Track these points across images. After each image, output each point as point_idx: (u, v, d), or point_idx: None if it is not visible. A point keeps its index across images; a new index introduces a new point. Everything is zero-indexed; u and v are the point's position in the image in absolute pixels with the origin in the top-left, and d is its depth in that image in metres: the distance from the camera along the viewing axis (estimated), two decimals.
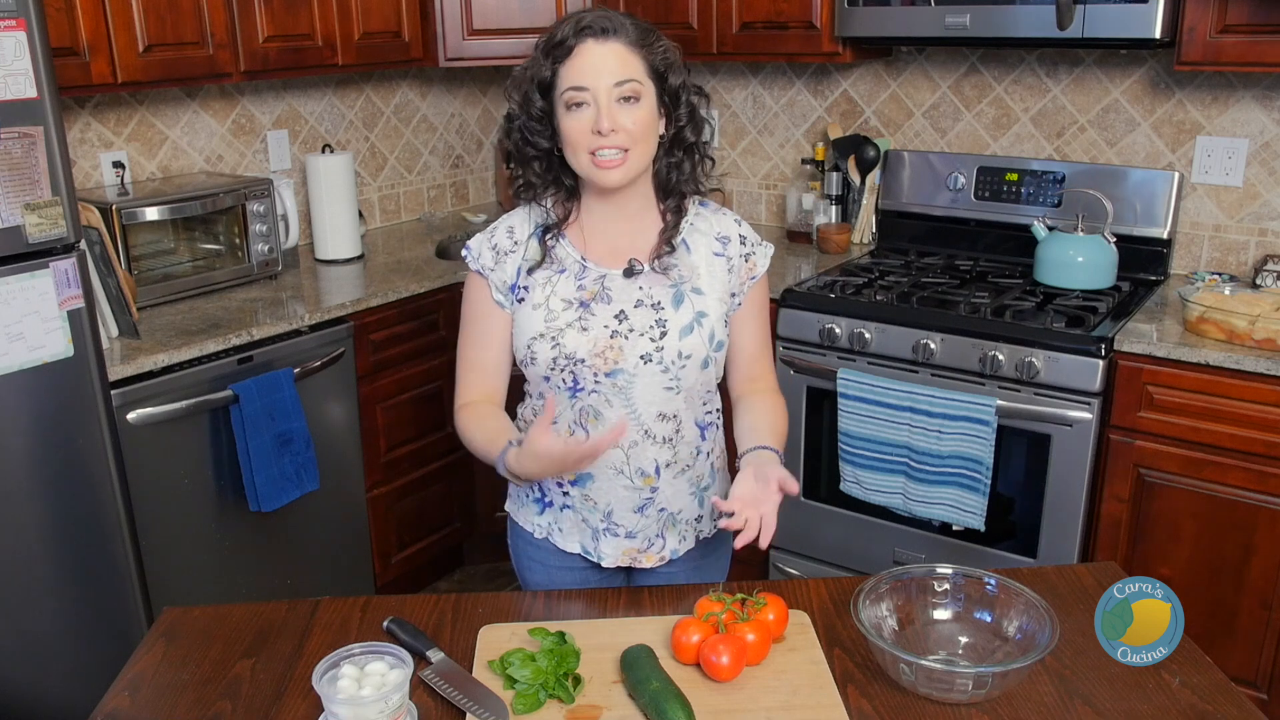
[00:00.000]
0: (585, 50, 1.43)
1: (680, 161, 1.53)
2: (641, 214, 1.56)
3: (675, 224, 1.55)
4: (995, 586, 1.39)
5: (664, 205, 1.56)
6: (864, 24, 2.78)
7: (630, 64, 1.44)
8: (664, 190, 1.55)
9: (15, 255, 1.99)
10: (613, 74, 1.43)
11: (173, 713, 1.30)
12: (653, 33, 1.48)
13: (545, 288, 1.53)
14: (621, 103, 1.43)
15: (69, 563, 2.15)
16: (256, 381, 2.48)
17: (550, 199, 1.56)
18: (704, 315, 1.53)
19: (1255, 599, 2.33)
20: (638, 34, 1.45)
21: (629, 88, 1.43)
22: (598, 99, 1.42)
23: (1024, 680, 1.33)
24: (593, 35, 1.43)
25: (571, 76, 1.43)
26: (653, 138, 1.49)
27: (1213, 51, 2.37)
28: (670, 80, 1.48)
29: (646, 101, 1.46)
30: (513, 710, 1.26)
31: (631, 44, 1.44)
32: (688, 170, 1.54)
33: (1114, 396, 2.39)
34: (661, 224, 1.56)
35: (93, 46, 2.39)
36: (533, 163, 1.53)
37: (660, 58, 1.47)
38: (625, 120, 1.43)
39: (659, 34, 1.49)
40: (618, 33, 1.44)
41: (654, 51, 1.46)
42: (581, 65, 1.43)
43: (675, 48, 1.51)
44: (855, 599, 1.34)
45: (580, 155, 1.46)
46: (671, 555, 1.63)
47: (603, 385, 1.51)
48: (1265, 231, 2.73)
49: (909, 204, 3.16)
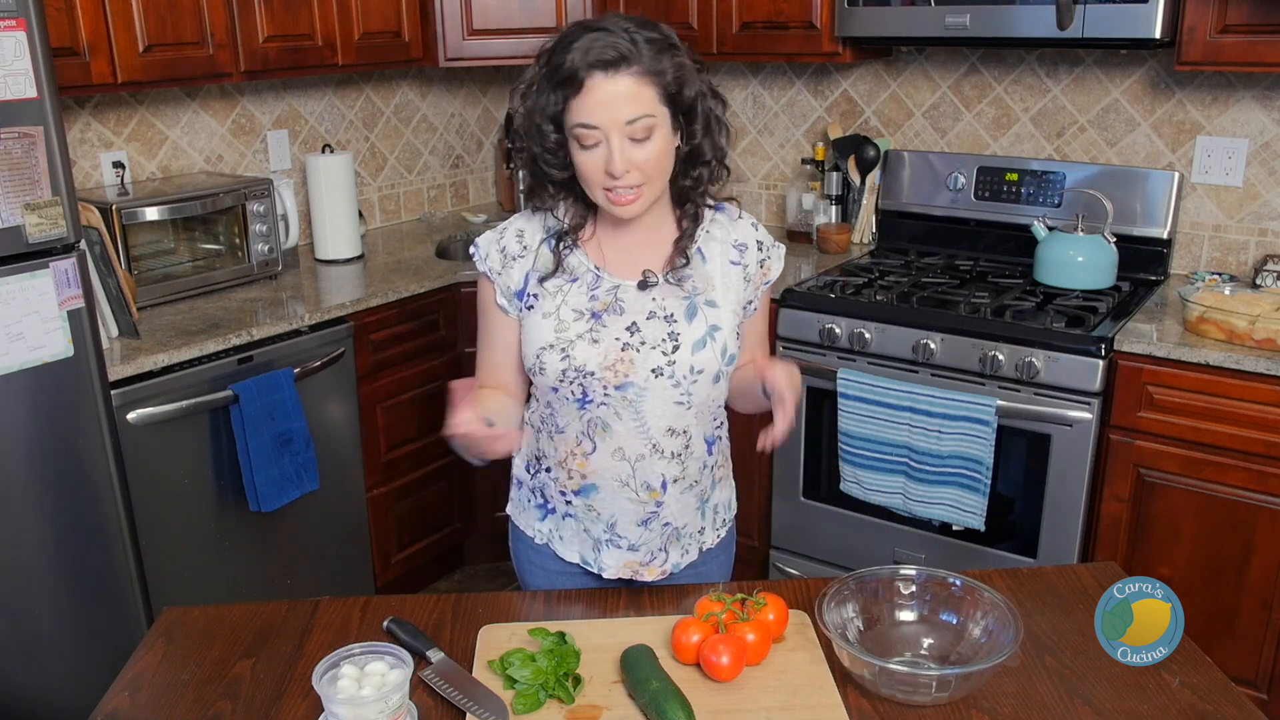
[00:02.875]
0: (594, 86, 1.35)
1: (698, 174, 1.49)
2: (658, 224, 1.52)
3: (691, 233, 1.52)
4: (960, 588, 1.38)
5: (679, 212, 1.53)
6: (864, 24, 2.78)
7: (642, 98, 1.36)
8: (679, 199, 1.52)
9: (15, 255, 1.99)
10: (623, 113, 1.36)
11: (173, 713, 1.30)
12: (664, 45, 1.38)
13: (556, 297, 1.50)
14: (634, 142, 1.38)
15: (69, 562, 2.15)
16: (256, 381, 2.47)
17: (561, 207, 1.52)
18: (717, 329, 1.50)
19: (1255, 599, 2.33)
20: (650, 56, 1.36)
21: (641, 126, 1.37)
22: (609, 137, 1.37)
23: (1024, 680, 1.33)
24: (601, 69, 1.34)
25: (581, 113, 1.37)
26: (668, 165, 1.44)
27: (1213, 51, 2.37)
28: (685, 94, 1.41)
29: (660, 132, 1.40)
30: (513, 710, 1.26)
31: (643, 73, 1.36)
32: (704, 180, 1.50)
33: (1114, 396, 2.39)
34: (677, 232, 1.53)
35: (93, 46, 2.39)
36: (548, 185, 1.49)
37: (673, 77, 1.39)
38: (638, 158, 1.38)
39: (670, 40, 1.40)
40: (628, 61, 1.35)
41: (666, 75, 1.38)
42: (592, 103, 1.36)
43: (687, 51, 1.43)
44: (820, 601, 1.34)
45: (595, 190, 1.42)
46: (674, 569, 1.62)
47: (612, 398, 1.48)
48: (1265, 231, 2.73)
49: (909, 204, 3.16)
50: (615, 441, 1.51)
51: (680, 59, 1.40)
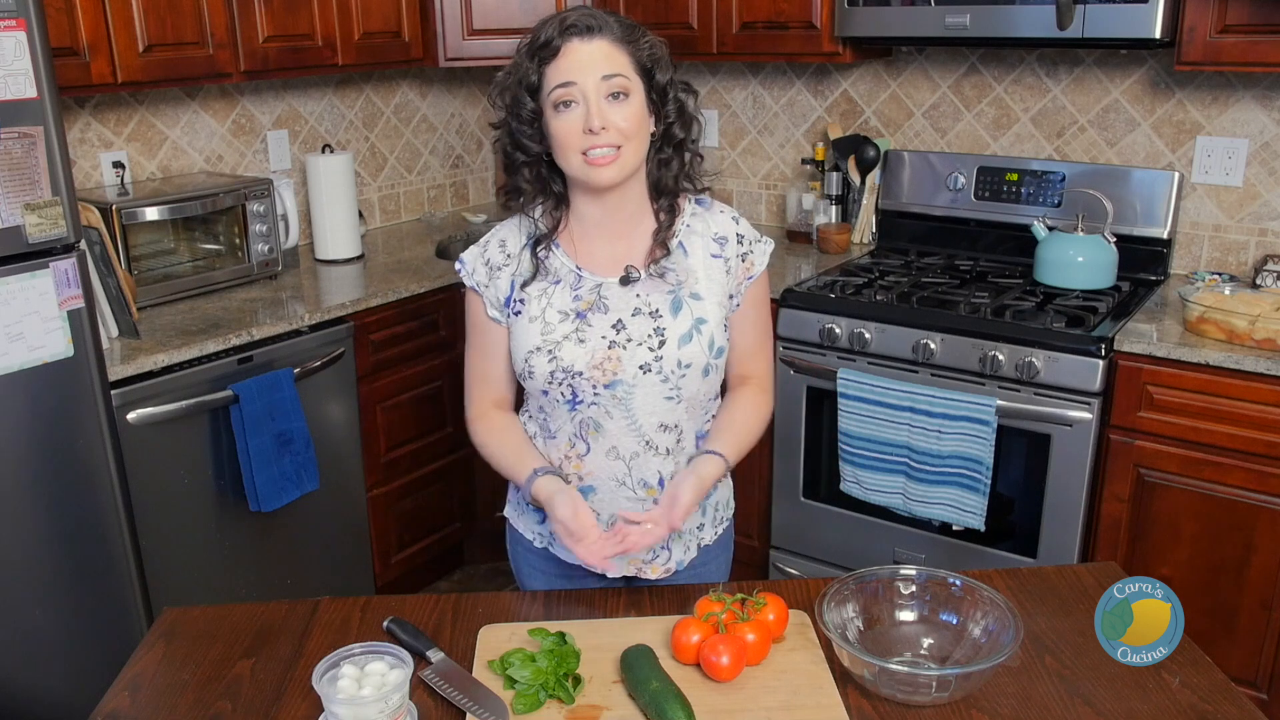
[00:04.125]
0: (571, 49, 1.41)
1: (670, 159, 1.51)
2: (635, 218, 1.53)
3: (669, 224, 1.52)
4: (960, 588, 1.38)
5: (657, 205, 1.53)
6: (864, 24, 2.78)
7: (617, 59, 1.42)
8: (656, 190, 1.53)
9: (15, 255, 1.99)
10: (600, 69, 1.41)
11: (173, 713, 1.30)
12: (637, 29, 1.46)
13: (541, 300, 1.51)
14: (611, 100, 1.42)
15: (69, 563, 2.15)
16: (256, 381, 2.48)
17: (539, 208, 1.53)
18: (703, 322, 1.50)
19: (1255, 599, 2.33)
20: (623, 30, 1.44)
21: (617, 82, 1.42)
22: (586, 95, 1.41)
23: (1024, 680, 1.33)
24: (578, 34, 1.41)
25: (558, 75, 1.42)
26: (644, 135, 1.47)
27: (1213, 51, 2.37)
28: (658, 77, 1.46)
29: (635, 98, 1.44)
30: (513, 710, 1.26)
31: (617, 40, 1.43)
32: (677, 168, 1.51)
33: (1114, 396, 2.39)
34: (655, 225, 1.53)
35: (93, 46, 2.39)
36: (522, 169, 1.50)
37: (647, 54, 1.45)
38: (616, 117, 1.42)
39: (644, 30, 1.48)
40: (602, 30, 1.42)
41: (640, 48, 1.45)
42: (568, 64, 1.41)
43: (662, 43, 1.49)
44: (820, 601, 1.34)
45: (572, 156, 1.44)
46: (678, 567, 1.62)
47: (602, 397, 1.49)
48: (1265, 231, 2.73)
49: (909, 204, 3.16)
50: (608, 441, 1.51)
51: (654, 43, 1.47)
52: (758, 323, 1.61)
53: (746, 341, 1.60)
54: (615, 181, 1.46)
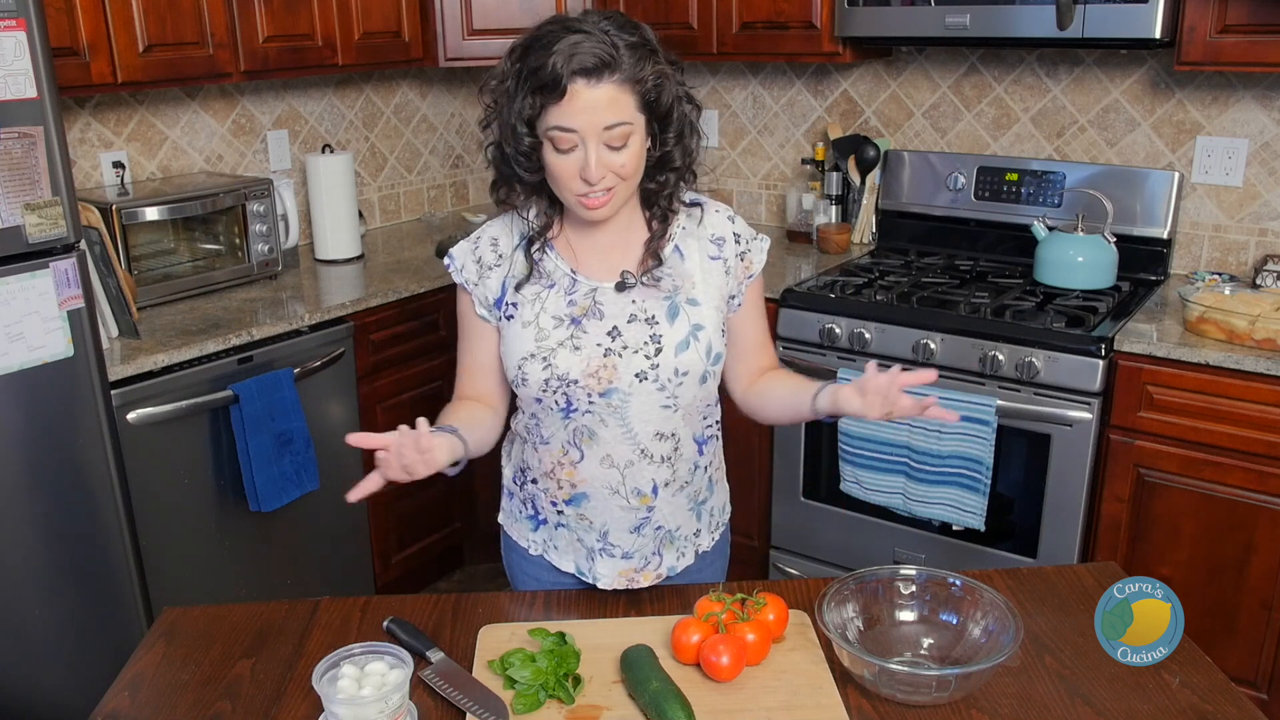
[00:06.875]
0: (576, 94, 1.33)
1: (665, 179, 1.47)
2: (628, 224, 1.50)
3: (661, 234, 1.49)
4: (960, 588, 1.38)
5: (649, 214, 1.51)
6: (864, 24, 2.78)
7: (621, 105, 1.35)
8: (647, 202, 1.50)
9: (15, 255, 1.99)
10: (604, 118, 1.34)
11: (173, 713, 1.30)
12: (644, 51, 1.36)
13: (534, 304, 1.48)
14: (610, 148, 1.36)
15: (69, 563, 2.15)
16: (256, 381, 2.47)
17: (532, 209, 1.49)
18: (700, 328, 1.48)
19: (1255, 599, 2.33)
20: (631, 64, 1.34)
21: (619, 133, 1.35)
22: (586, 142, 1.35)
23: (1024, 680, 1.33)
24: (584, 77, 1.32)
25: (559, 117, 1.34)
26: (640, 169, 1.42)
27: (1213, 51, 2.37)
28: (662, 102, 1.39)
29: (636, 139, 1.39)
30: (513, 710, 1.26)
31: (625, 80, 1.34)
32: (671, 184, 1.48)
33: (1114, 396, 2.39)
34: (648, 233, 1.50)
35: (93, 46, 2.39)
36: (516, 184, 1.46)
37: (652, 84, 1.38)
38: (614, 163, 1.37)
39: (650, 45, 1.38)
40: (611, 69, 1.33)
41: (646, 84, 1.37)
42: (572, 109, 1.33)
43: (664, 54, 1.41)
44: (820, 601, 1.34)
45: (566, 193, 1.40)
46: (669, 573, 1.59)
47: (597, 405, 1.46)
48: (1265, 231, 2.73)
49: (909, 204, 3.16)
50: (603, 449, 1.49)
51: (660, 66, 1.38)
52: (761, 318, 1.60)
53: (755, 336, 1.59)
54: (607, 217, 1.43)
